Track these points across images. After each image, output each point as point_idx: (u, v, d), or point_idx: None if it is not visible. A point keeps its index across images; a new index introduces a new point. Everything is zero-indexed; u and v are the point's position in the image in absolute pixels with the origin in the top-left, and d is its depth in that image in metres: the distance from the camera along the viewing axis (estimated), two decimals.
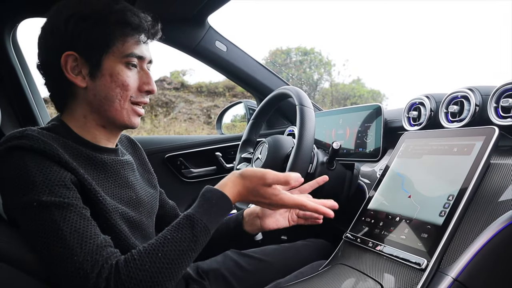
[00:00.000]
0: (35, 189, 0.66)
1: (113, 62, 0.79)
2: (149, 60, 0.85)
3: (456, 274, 0.69)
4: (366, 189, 1.16)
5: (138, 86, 0.82)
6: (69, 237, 0.64)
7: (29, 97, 1.61)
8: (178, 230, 0.69)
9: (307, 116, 1.07)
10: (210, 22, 1.59)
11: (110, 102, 0.80)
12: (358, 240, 0.91)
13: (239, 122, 2.40)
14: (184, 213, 0.72)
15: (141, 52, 0.81)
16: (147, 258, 0.65)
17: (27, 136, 0.70)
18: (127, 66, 0.80)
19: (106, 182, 0.80)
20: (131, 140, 1.02)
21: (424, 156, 0.92)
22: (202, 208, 0.72)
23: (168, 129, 8.62)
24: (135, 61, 0.81)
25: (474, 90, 0.95)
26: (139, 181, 0.91)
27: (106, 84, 0.79)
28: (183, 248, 0.67)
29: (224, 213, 0.76)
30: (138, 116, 0.84)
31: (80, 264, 0.62)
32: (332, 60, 11.57)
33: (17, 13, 1.49)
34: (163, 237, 0.68)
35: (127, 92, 0.80)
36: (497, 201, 0.74)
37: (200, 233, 0.69)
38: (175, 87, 9.78)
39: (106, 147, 0.84)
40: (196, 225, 0.69)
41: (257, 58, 1.73)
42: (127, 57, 0.79)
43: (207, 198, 0.75)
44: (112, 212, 0.76)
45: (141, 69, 0.83)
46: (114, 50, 0.78)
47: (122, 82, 0.79)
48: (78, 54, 0.77)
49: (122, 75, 0.79)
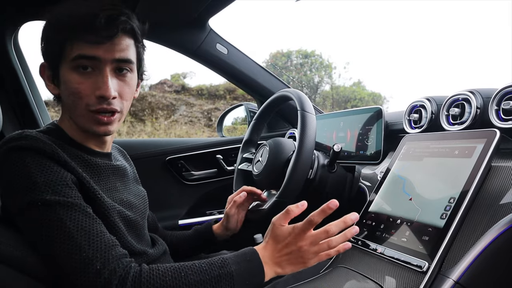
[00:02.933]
0: (37, 189, 0.66)
1: (65, 69, 0.75)
2: (116, 59, 0.76)
3: (457, 277, 0.68)
4: (367, 191, 1.16)
5: (93, 91, 0.75)
6: (76, 234, 0.64)
7: (30, 100, 1.61)
8: (209, 263, 0.71)
9: (308, 122, 1.07)
10: (211, 25, 1.59)
11: (72, 110, 0.78)
12: (359, 243, 0.91)
13: (240, 125, 2.40)
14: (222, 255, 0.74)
15: (94, 52, 0.73)
16: (170, 272, 0.67)
17: (26, 137, 0.71)
18: (77, 70, 0.74)
19: (101, 183, 0.80)
20: (122, 151, 1.04)
21: (425, 158, 0.92)
22: (237, 258, 0.74)
23: (168, 131, 8.63)
24: (86, 64, 0.74)
25: (475, 92, 0.95)
26: (129, 187, 0.92)
27: (64, 92, 0.78)
28: (205, 280, 0.68)
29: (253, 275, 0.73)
30: (102, 125, 0.77)
31: (89, 260, 0.63)
32: (333, 63, 11.60)
33: (18, 16, 1.49)
34: (191, 263, 0.71)
35: (80, 100, 0.75)
36: (498, 204, 0.74)
37: (225, 277, 0.70)
38: (175, 90, 9.80)
39: (98, 151, 0.85)
40: (225, 267, 0.71)
41: (258, 61, 1.73)
42: (75, 60, 0.74)
43: (246, 254, 0.75)
44: (110, 210, 0.77)
45: (99, 72, 0.75)
46: (65, 55, 0.74)
47: (72, 90, 0.75)
48: (46, 63, 0.79)
49: (72, 82, 0.74)
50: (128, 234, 0.82)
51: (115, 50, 0.75)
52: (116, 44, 0.75)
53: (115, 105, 0.77)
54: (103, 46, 0.73)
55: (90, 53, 0.73)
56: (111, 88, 0.74)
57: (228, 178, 1.80)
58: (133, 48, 0.80)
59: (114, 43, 0.75)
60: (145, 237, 0.92)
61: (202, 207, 1.77)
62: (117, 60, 0.76)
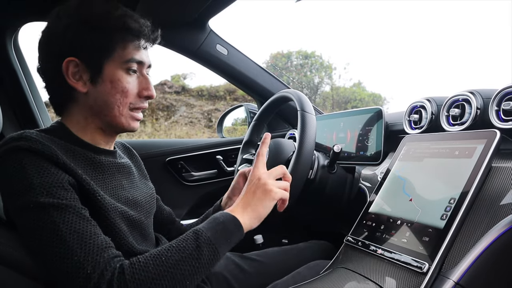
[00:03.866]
0: (32, 190, 0.66)
1: (113, 68, 0.79)
2: (148, 65, 0.85)
3: (457, 278, 0.68)
4: (367, 192, 1.16)
5: (137, 91, 0.83)
6: (69, 238, 0.64)
7: (30, 100, 1.61)
8: (183, 240, 0.71)
9: (308, 122, 1.07)
10: (211, 25, 1.59)
11: (109, 108, 0.80)
12: (359, 244, 0.91)
13: (240, 126, 2.40)
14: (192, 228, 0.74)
15: (140, 57, 0.81)
16: (151, 261, 0.66)
17: (25, 138, 0.70)
18: (127, 71, 0.80)
19: (103, 183, 0.80)
20: (126, 147, 1.04)
21: (425, 159, 0.92)
22: (209, 225, 0.74)
23: (169, 132, 8.63)
24: (135, 67, 0.81)
25: (475, 93, 0.95)
26: (136, 184, 0.92)
27: (107, 90, 0.79)
28: (186, 256, 0.68)
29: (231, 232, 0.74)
30: (137, 121, 0.85)
31: (80, 264, 0.62)
32: (333, 64, 11.59)
33: (18, 17, 1.49)
34: (168, 245, 0.70)
35: (126, 98, 0.81)
36: (499, 204, 0.74)
37: (204, 244, 0.69)
38: (176, 90, 9.80)
39: (104, 148, 0.85)
40: (201, 236, 0.70)
41: (258, 62, 1.73)
42: (127, 63, 0.80)
43: (216, 217, 0.76)
44: (111, 211, 0.76)
45: (140, 74, 0.83)
46: (115, 55, 0.79)
47: (122, 88, 0.80)
48: (79, 60, 0.77)
49: (122, 81, 0.80)
50: (131, 234, 0.81)
51: (148, 55, 0.85)
52: (148, 50, 0.85)
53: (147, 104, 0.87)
54: (145, 52, 0.83)
55: (139, 58, 0.81)
56: (154, 90, 0.85)
57: (228, 179, 1.80)
58: None
59: (148, 50, 0.85)
60: (149, 236, 0.91)
61: (202, 208, 1.77)
62: (149, 65, 0.86)
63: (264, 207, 0.79)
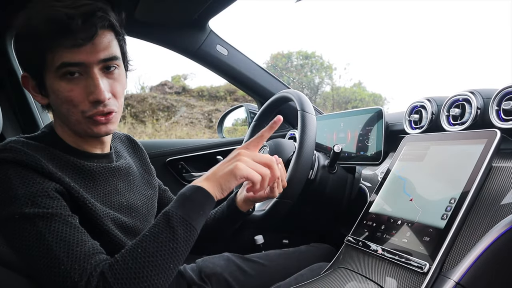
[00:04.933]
0: (17, 202, 0.64)
1: (51, 78, 0.71)
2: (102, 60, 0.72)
3: (458, 278, 0.68)
4: (367, 192, 1.16)
5: (86, 97, 0.72)
6: (55, 247, 0.63)
7: (31, 101, 1.61)
8: (155, 226, 0.68)
9: (308, 122, 1.07)
10: (211, 26, 1.59)
11: (67, 117, 0.75)
12: (360, 244, 0.91)
13: (240, 126, 2.40)
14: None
15: (74, 58, 0.69)
16: (129, 256, 0.64)
17: (9, 149, 0.69)
18: (65, 78, 0.70)
19: (94, 189, 0.77)
20: (132, 140, 1.00)
21: (425, 159, 0.92)
22: (177, 203, 0.70)
23: (169, 133, 8.63)
24: (73, 70, 0.70)
25: (475, 93, 0.95)
26: (134, 186, 0.89)
27: (54, 102, 0.74)
28: (161, 241, 0.65)
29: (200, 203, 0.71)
30: (102, 125, 0.75)
31: (67, 272, 0.61)
32: (333, 64, 11.57)
33: None
34: (142, 235, 0.67)
35: (73, 108, 0.72)
36: (499, 204, 0.74)
37: (178, 224, 0.67)
38: (176, 91, 9.79)
39: (95, 153, 0.82)
40: (172, 217, 0.67)
41: (258, 62, 1.73)
42: (60, 69, 0.70)
43: (182, 193, 0.73)
44: (103, 218, 0.75)
45: (87, 76, 0.71)
46: (48, 64, 0.70)
47: (65, 99, 0.71)
48: (28, 74, 0.75)
49: (62, 91, 0.71)
50: (127, 239, 0.80)
51: (98, 50, 0.71)
52: (98, 44, 0.71)
53: (111, 105, 0.75)
54: (85, 48, 0.69)
55: (73, 60, 0.69)
56: (104, 91, 0.71)
57: None
58: (115, 42, 0.76)
59: (96, 43, 0.70)
60: None
61: None
62: (103, 60, 0.72)
63: (226, 181, 0.74)
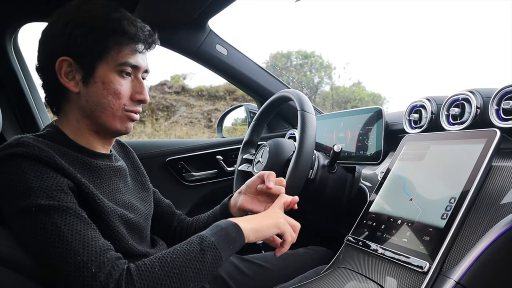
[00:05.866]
0: (32, 194, 0.66)
1: (106, 70, 0.79)
2: (145, 70, 0.85)
3: (458, 277, 0.68)
4: (367, 192, 1.16)
5: (130, 94, 0.82)
6: (71, 238, 0.64)
7: (30, 101, 1.61)
8: (188, 243, 0.72)
9: (308, 122, 1.07)
10: (210, 25, 1.59)
11: (102, 109, 0.80)
12: (360, 243, 0.91)
13: (239, 126, 2.40)
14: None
15: (136, 61, 0.81)
16: (157, 262, 0.67)
17: (23, 144, 0.71)
18: (121, 74, 0.80)
19: (101, 186, 0.80)
20: (122, 144, 1.03)
21: (425, 159, 0.92)
22: (212, 230, 0.75)
23: (169, 133, 8.63)
24: (129, 70, 0.81)
25: (475, 92, 0.95)
26: (131, 187, 0.92)
27: (98, 91, 0.79)
28: (190, 258, 0.69)
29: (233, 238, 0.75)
30: (131, 122, 0.85)
31: (84, 263, 0.63)
32: (332, 64, 11.60)
33: (18, 18, 1.49)
34: (173, 248, 0.71)
35: (119, 100, 0.80)
36: (499, 203, 0.74)
37: (208, 248, 0.71)
38: (175, 91, 9.80)
39: (100, 152, 0.85)
40: (204, 240, 0.72)
41: (258, 62, 1.73)
42: (121, 66, 0.79)
43: (218, 224, 0.77)
44: (110, 214, 0.77)
45: (135, 78, 0.83)
46: (109, 58, 0.78)
47: (114, 90, 0.79)
48: (72, 60, 0.78)
49: (114, 83, 0.79)
50: (130, 236, 0.82)
51: (145, 60, 0.85)
52: (146, 56, 0.85)
53: (141, 107, 0.86)
54: (142, 56, 0.83)
55: (134, 62, 0.81)
56: (147, 94, 0.85)
57: (228, 179, 1.80)
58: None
59: (146, 55, 0.85)
60: (146, 239, 0.91)
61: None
62: (146, 70, 0.85)
63: (268, 226, 0.81)
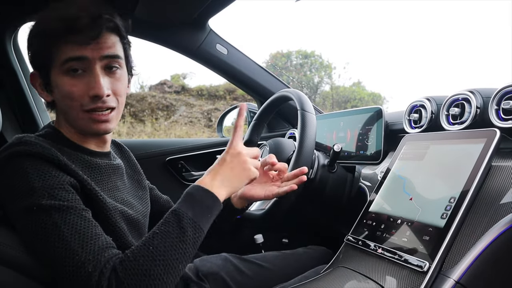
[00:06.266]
0: (34, 194, 0.66)
1: (56, 74, 0.76)
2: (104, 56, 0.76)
3: (458, 277, 0.68)
4: (367, 191, 1.16)
5: (87, 92, 0.76)
6: (70, 238, 0.65)
7: (30, 101, 1.61)
8: (165, 224, 0.70)
9: (308, 121, 1.07)
10: (211, 25, 1.59)
11: (68, 114, 0.79)
12: (360, 243, 0.91)
13: None
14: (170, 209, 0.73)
15: (80, 53, 0.74)
16: (139, 253, 0.66)
17: (25, 142, 0.71)
18: (68, 73, 0.75)
19: (102, 184, 0.81)
20: (117, 143, 1.03)
21: (425, 158, 0.92)
22: (186, 203, 0.74)
23: (168, 132, 8.63)
24: (77, 66, 0.75)
25: (475, 92, 0.95)
26: (128, 186, 0.92)
27: (58, 97, 0.78)
28: (172, 240, 0.68)
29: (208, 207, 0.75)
30: (100, 123, 0.78)
31: (81, 263, 0.63)
32: (332, 63, 11.58)
33: (18, 17, 1.49)
34: (152, 233, 0.70)
35: (73, 102, 0.76)
36: (499, 203, 0.74)
37: (188, 225, 0.70)
38: (175, 90, 9.79)
39: (98, 151, 0.85)
40: (182, 218, 0.70)
41: (258, 61, 1.73)
42: (65, 64, 0.74)
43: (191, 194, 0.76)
44: (112, 211, 0.77)
45: (90, 71, 0.76)
46: (55, 60, 0.75)
47: (65, 93, 0.76)
48: (37, 72, 0.80)
49: (64, 86, 0.75)
50: (130, 233, 0.82)
51: (102, 48, 0.76)
52: (102, 43, 0.76)
53: (110, 102, 0.78)
54: (90, 46, 0.74)
55: (78, 54, 0.74)
56: (103, 87, 0.75)
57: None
58: (120, 44, 0.81)
59: (100, 42, 0.76)
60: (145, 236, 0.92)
61: None
62: (105, 57, 0.76)
63: (240, 182, 0.82)
